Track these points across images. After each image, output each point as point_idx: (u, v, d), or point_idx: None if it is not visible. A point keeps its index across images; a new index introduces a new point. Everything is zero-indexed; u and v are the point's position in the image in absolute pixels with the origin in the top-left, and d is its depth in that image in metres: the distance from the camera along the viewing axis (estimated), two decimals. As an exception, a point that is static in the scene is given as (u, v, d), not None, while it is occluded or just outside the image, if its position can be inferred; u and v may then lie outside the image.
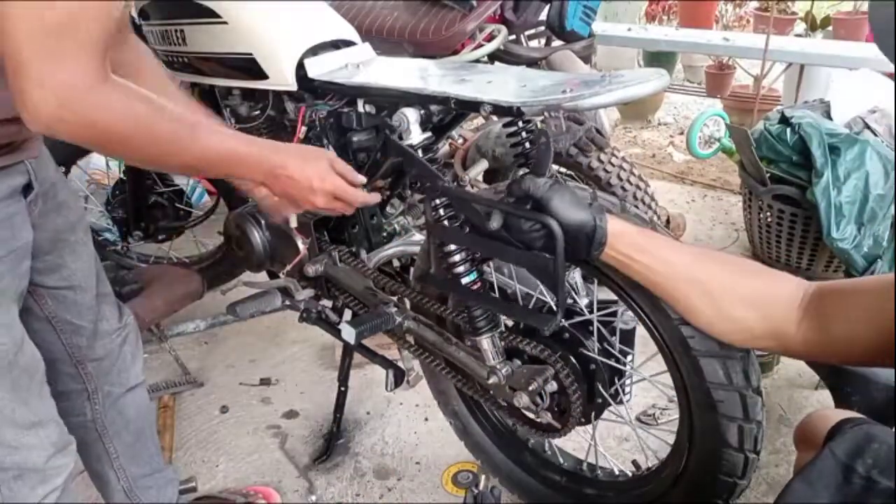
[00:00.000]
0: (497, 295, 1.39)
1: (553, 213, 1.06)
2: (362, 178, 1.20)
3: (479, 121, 2.51)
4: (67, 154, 2.00)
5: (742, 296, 1.04)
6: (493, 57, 2.16)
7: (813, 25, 4.26)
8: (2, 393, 1.06)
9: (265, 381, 2.17)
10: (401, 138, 1.33)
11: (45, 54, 0.84)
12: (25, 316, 1.18)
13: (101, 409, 1.37)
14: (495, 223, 1.10)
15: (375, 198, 1.24)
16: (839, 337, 0.97)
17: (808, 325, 0.98)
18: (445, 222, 1.26)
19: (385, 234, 1.67)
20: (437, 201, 1.25)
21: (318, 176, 1.11)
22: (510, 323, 1.44)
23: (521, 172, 1.50)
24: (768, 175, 2.44)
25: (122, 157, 1.01)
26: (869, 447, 0.94)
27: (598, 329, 1.33)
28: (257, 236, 1.68)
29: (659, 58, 4.47)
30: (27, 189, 1.09)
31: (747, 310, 1.03)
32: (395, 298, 1.48)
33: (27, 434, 1.11)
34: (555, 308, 1.14)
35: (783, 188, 2.40)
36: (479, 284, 1.29)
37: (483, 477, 1.52)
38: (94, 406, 1.37)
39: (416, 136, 1.29)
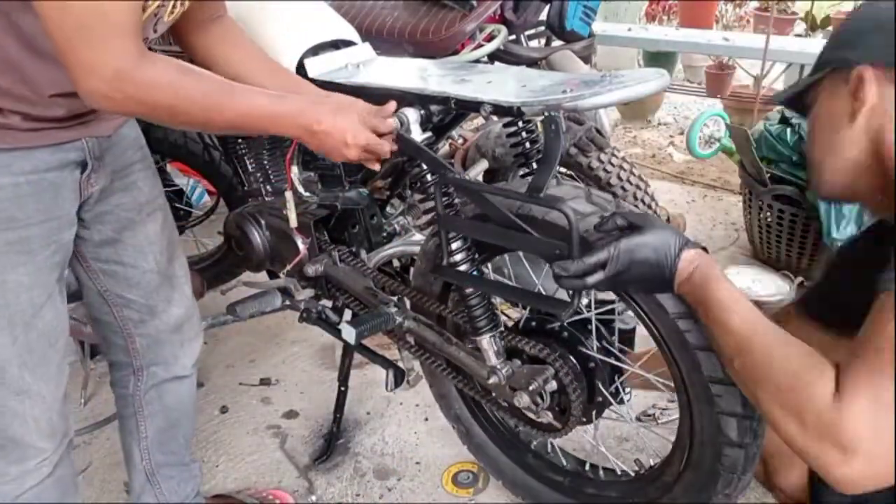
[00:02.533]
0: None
1: (641, 237, 1.02)
2: (393, 124, 1.21)
3: (479, 121, 2.51)
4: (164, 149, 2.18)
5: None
6: (493, 57, 2.16)
7: (813, 25, 4.26)
8: (8, 350, 1.09)
9: (265, 381, 2.17)
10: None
11: (82, 44, 0.91)
12: (83, 290, 1.32)
13: (143, 386, 1.42)
14: None
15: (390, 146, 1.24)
16: None
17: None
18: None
19: (385, 234, 1.67)
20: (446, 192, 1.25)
21: (350, 132, 1.13)
22: (510, 323, 1.45)
23: (521, 172, 1.50)
24: (768, 175, 2.44)
25: (170, 124, 1.18)
26: None
27: (598, 328, 1.33)
28: (257, 236, 1.68)
29: (659, 58, 4.47)
30: (84, 166, 1.13)
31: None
32: (395, 298, 1.48)
33: (12, 399, 1.12)
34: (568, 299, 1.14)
35: (783, 188, 2.40)
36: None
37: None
38: (136, 382, 1.41)
39: (416, 136, 1.29)
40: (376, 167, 1.23)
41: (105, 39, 0.92)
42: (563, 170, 2.19)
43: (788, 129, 2.37)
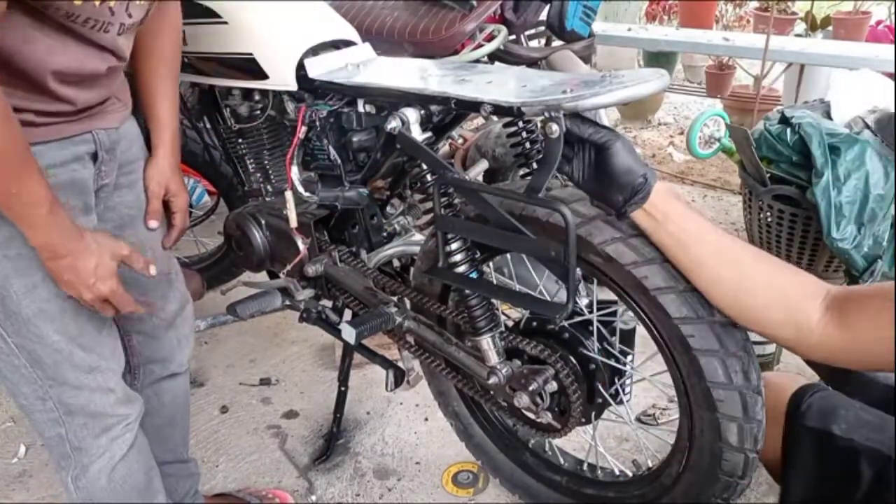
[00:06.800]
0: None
1: (612, 156, 1.06)
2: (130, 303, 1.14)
3: (479, 121, 2.51)
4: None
5: (768, 284, 1.04)
6: (493, 57, 2.15)
7: (813, 25, 4.25)
8: (58, 336, 1.11)
9: (265, 381, 2.17)
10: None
11: None
12: None
13: (140, 384, 1.43)
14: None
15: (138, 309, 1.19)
16: (863, 340, 0.96)
17: (830, 326, 0.98)
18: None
19: (385, 234, 1.67)
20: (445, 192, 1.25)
21: (101, 276, 1.07)
22: (510, 323, 1.45)
23: (521, 172, 1.50)
24: (768, 175, 2.44)
25: None
26: (837, 413, 1.05)
27: (598, 329, 1.33)
28: (257, 236, 1.68)
29: (659, 58, 4.47)
30: (95, 157, 1.15)
31: (772, 298, 1.04)
32: (395, 298, 1.48)
33: (87, 376, 1.16)
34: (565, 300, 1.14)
35: (783, 188, 2.40)
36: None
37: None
38: (133, 379, 1.42)
39: (416, 136, 1.29)
40: (110, 314, 1.15)
41: None
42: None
43: (788, 129, 2.37)
